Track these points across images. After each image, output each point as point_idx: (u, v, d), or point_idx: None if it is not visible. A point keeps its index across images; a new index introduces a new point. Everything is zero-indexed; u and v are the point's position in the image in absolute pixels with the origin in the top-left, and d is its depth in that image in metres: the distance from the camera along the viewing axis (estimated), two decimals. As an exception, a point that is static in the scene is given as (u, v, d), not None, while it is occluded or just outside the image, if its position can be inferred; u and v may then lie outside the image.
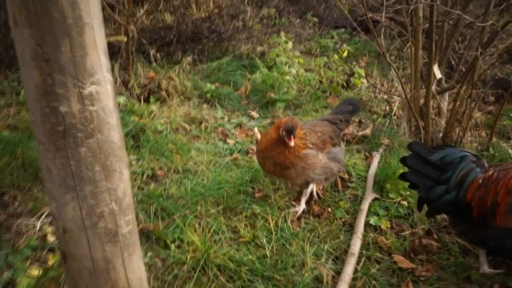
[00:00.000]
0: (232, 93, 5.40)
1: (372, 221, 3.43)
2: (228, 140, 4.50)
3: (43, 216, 3.25)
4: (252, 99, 5.39)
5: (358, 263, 3.07)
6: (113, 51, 5.19)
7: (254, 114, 5.11)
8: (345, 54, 5.69)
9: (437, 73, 4.43)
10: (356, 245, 3.16)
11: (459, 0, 4.63)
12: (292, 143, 3.13)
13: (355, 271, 2.99)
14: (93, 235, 1.22)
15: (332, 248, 3.19)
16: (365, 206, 3.55)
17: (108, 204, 1.22)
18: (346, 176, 3.95)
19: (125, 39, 4.79)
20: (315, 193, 3.68)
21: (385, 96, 5.66)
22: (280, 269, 2.92)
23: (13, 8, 1.13)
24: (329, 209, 3.59)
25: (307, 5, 8.88)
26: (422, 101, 4.58)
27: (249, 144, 4.42)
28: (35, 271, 2.79)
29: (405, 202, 3.66)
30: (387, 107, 5.38)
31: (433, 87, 4.52)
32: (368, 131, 4.73)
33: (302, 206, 3.57)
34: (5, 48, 5.30)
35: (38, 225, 3.18)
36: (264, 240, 3.14)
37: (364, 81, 5.69)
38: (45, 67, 1.15)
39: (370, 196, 3.67)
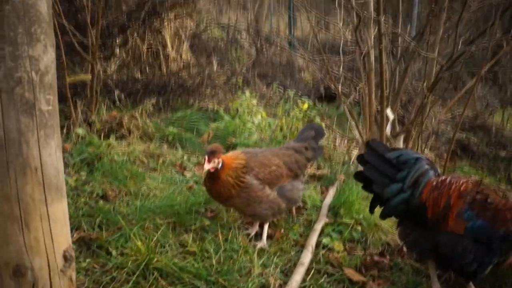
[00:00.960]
0: (194, 138, 5.47)
1: (325, 241, 3.37)
2: (185, 173, 4.48)
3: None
4: (212, 142, 5.45)
5: (307, 274, 2.97)
6: (79, 90, 5.28)
7: (215, 156, 5.14)
8: (305, 106, 5.92)
9: (390, 115, 4.64)
10: (306, 257, 3.08)
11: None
12: (206, 166, 3.04)
13: (304, 280, 2.89)
14: (8, 101, 1.19)
15: (282, 262, 3.09)
16: (317, 227, 3.52)
17: (28, 72, 1.21)
18: (301, 204, 3.93)
19: (90, 76, 4.91)
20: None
21: (345, 149, 5.82)
22: (225, 274, 2.79)
23: None
24: (282, 230, 3.52)
25: (274, 77, 9.31)
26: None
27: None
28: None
29: (359, 227, 3.63)
30: (346, 157, 5.51)
31: (388, 130, 4.71)
32: (325, 171, 4.80)
33: (255, 228, 3.50)
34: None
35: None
36: (212, 251, 3.02)
37: (325, 131, 5.86)
38: None
39: (323, 220, 3.64)
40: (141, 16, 5.59)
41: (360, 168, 3.09)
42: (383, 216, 3.06)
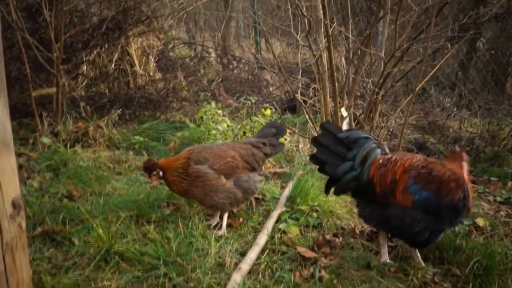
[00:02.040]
0: (160, 146, 5.62)
1: (281, 226, 3.54)
2: (150, 175, 4.62)
3: None
4: (179, 150, 5.61)
5: (262, 253, 3.14)
6: (44, 102, 5.42)
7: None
8: (267, 112, 6.15)
9: (344, 113, 4.91)
10: (261, 239, 3.26)
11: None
12: (152, 182, 3.59)
13: (259, 258, 3.06)
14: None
15: (239, 245, 3.26)
16: (274, 214, 3.70)
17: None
18: (260, 196, 4.12)
19: (55, 90, 5.07)
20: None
21: (307, 151, 6.04)
22: (183, 254, 2.94)
23: None
24: (241, 220, 3.69)
25: (241, 92, 9.56)
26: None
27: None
28: None
29: (314, 214, 3.83)
30: (308, 158, 5.72)
31: (345, 127, 4.97)
32: (286, 169, 5.01)
33: (216, 219, 3.67)
34: None
35: None
36: (172, 237, 3.17)
37: (288, 137, 6.09)
38: None
39: (280, 208, 3.82)
40: (104, 31, 5.78)
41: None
42: (337, 192, 3.24)
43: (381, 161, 3.06)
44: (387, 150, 3.22)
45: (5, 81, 1.52)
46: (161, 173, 3.42)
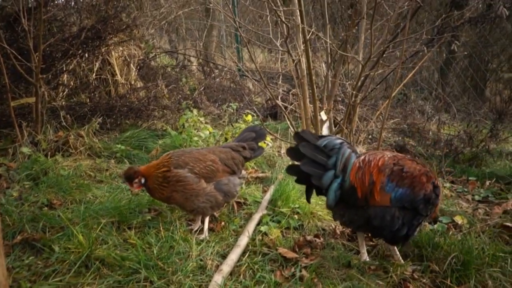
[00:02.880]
0: (142, 154, 5.62)
1: (263, 228, 3.58)
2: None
3: None
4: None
5: (244, 255, 3.17)
6: (25, 111, 5.38)
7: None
8: (249, 118, 6.19)
9: (323, 117, 4.97)
10: (242, 240, 3.29)
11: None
12: (134, 190, 3.57)
13: (240, 260, 3.08)
14: None
15: (220, 247, 3.27)
16: (256, 216, 3.73)
17: None
18: (242, 200, 4.15)
19: (34, 99, 5.04)
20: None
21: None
22: (164, 258, 2.95)
23: None
24: (222, 223, 3.71)
25: (224, 100, 9.60)
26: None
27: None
28: None
29: (296, 216, 3.87)
30: (290, 162, 5.77)
31: (325, 131, 5.03)
32: (268, 174, 5.04)
33: (198, 224, 3.68)
34: None
35: None
36: (153, 242, 3.18)
37: (270, 142, 6.14)
38: None
39: (262, 211, 3.85)
40: (83, 40, 5.77)
41: (292, 162, 3.24)
42: (330, 206, 3.15)
43: (357, 164, 3.09)
44: (358, 152, 3.27)
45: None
46: (143, 180, 3.44)
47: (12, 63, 4.85)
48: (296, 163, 3.17)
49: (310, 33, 4.78)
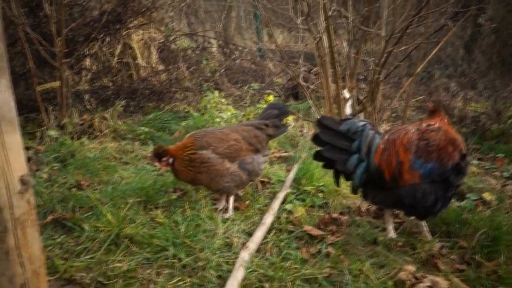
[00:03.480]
0: (165, 135, 5.67)
1: (287, 207, 3.58)
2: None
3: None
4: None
5: (269, 233, 3.18)
6: (50, 96, 5.47)
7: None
8: (270, 98, 6.17)
9: (346, 94, 4.92)
10: (268, 218, 3.30)
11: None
12: (161, 168, 3.75)
13: (266, 237, 3.10)
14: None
15: (246, 226, 3.29)
16: (280, 195, 3.74)
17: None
18: (266, 179, 4.16)
19: (59, 83, 5.12)
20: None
21: (311, 133, 6.07)
22: (190, 236, 2.99)
23: None
24: (247, 202, 3.73)
25: (244, 81, 9.58)
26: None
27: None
28: None
29: (320, 194, 3.86)
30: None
31: (348, 109, 4.97)
32: (291, 153, 5.03)
33: (222, 203, 3.70)
34: None
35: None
36: (179, 221, 3.22)
37: (292, 122, 6.12)
38: None
39: (286, 190, 3.86)
40: (104, 24, 5.80)
41: (318, 148, 3.18)
42: (354, 191, 3.14)
43: (382, 145, 3.04)
44: (380, 130, 3.21)
45: (8, 61, 1.55)
46: (170, 160, 3.45)
47: (36, 48, 4.91)
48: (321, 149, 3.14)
49: (332, 10, 4.70)
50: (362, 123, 3.14)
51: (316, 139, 3.14)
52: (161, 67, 7.87)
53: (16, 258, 1.55)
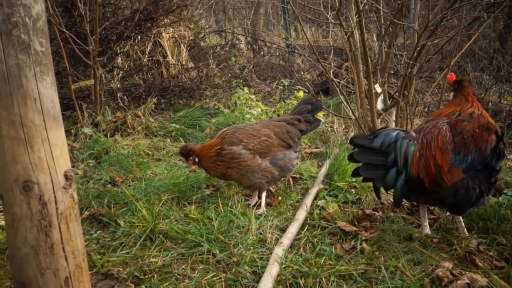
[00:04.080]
0: (196, 132, 5.72)
1: (320, 203, 3.56)
2: (188, 160, 4.72)
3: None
4: (214, 136, 5.68)
5: (302, 228, 3.17)
6: (84, 94, 5.60)
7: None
8: (300, 94, 6.14)
9: (378, 89, 4.85)
10: (301, 214, 3.29)
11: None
12: (191, 167, 3.65)
13: (299, 233, 3.10)
14: (8, 41, 1.44)
15: (279, 221, 3.29)
16: (312, 191, 3.72)
17: (22, 17, 1.47)
18: (297, 175, 4.15)
19: (92, 82, 5.22)
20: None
21: (342, 131, 6.02)
22: (224, 232, 3.01)
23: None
24: (279, 198, 3.73)
25: (273, 77, 9.57)
26: (370, 119, 4.93)
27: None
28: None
29: (353, 190, 3.83)
30: (343, 137, 5.70)
31: (380, 104, 4.91)
32: (322, 149, 5.00)
33: (255, 199, 3.71)
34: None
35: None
36: (213, 217, 3.24)
37: (322, 118, 6.08)
38: None
39: (318, 186, 3.84)
40: (136, 22, 5.89)
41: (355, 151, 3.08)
42: (397, 204, 3.06)
43: (418, 153, 2.96)
44: (414, 134, 3.07)
45: (52, 61, 1.59)
46: (197, 159, 3.50)
47: (71, 47, 5.03)
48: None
49: (363, 4, 4.63)
50: (394, 133, 3.02)
51: (352, 159, 3.07)
52: (190, 65, 7.94)
53: (60, 252, 1.60)
